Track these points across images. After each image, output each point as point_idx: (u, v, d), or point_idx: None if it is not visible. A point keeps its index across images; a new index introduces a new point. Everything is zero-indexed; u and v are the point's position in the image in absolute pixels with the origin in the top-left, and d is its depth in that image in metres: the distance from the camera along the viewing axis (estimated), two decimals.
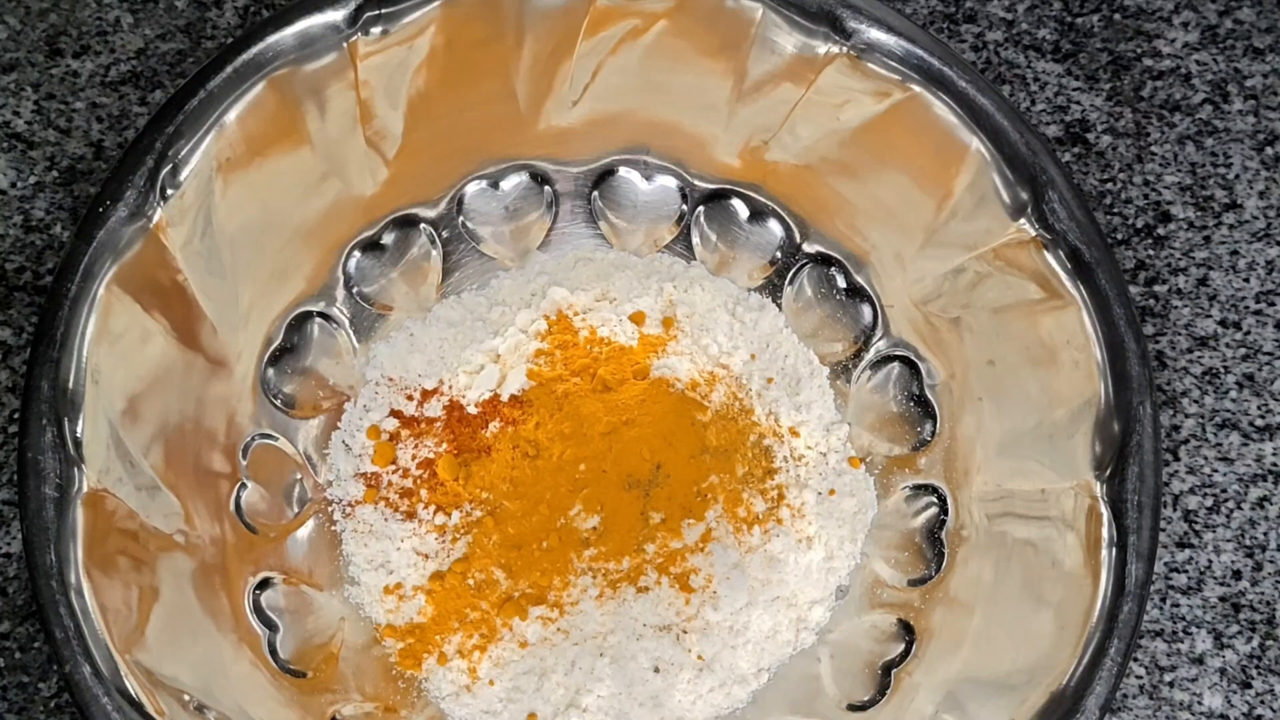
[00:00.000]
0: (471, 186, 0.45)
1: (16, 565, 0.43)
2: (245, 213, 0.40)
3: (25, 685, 0.42)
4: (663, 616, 0.42)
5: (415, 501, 0.43)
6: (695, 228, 0.46)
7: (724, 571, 0.42)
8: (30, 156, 0.47)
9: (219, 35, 0.48)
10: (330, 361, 0.44)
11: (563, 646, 0.42)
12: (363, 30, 0.39)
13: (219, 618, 0.39)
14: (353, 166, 0.42)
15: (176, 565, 0.38)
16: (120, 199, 0.37)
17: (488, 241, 0.46)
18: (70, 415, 0.36)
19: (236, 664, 0.39)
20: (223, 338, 0.41)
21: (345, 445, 0.44)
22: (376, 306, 0.45)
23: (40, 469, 0.35)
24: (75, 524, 0.35)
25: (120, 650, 0.35)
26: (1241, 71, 0.49)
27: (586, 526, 0.42)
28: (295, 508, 0.43)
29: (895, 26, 0.39)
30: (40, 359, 0.36)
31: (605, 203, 0.46)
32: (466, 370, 0.44)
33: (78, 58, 0.48)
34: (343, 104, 0.40)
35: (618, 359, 0.44)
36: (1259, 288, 0.47)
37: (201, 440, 0.40)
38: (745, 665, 0.42)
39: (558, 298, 0.45)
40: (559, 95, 0.43)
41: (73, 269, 0.36)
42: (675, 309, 0.45)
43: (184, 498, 0.39)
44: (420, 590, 0.42)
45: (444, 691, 0.42)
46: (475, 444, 0.43)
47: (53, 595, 0.35)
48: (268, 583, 0.41)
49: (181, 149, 0.38)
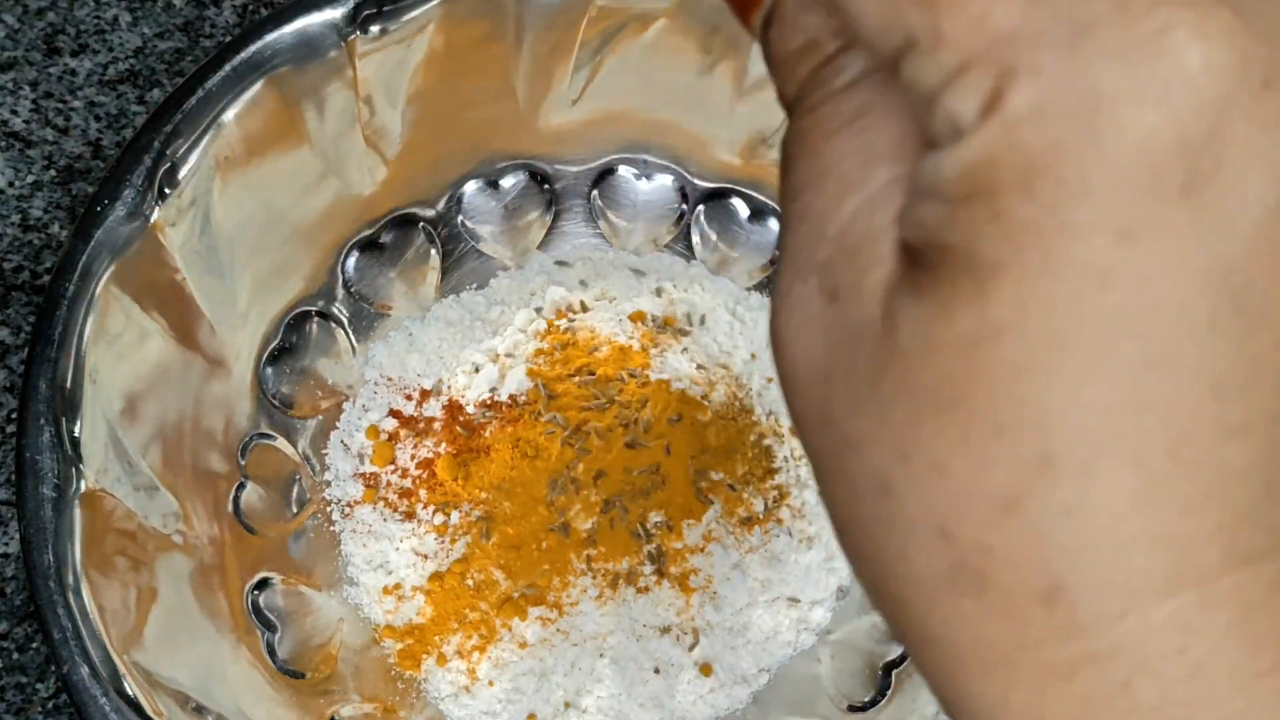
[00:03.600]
0: (470, 185, 0.45)
1: (14, 565, 0.43)
2: (244, 212, 0.40)
3: (23, 686, 0.42)
4: (663, 617, 0.42)
5: (414, 502, 0.43)
6: (695, 227, 0.46)
7: (724, 572, 0.42)
8: (28, 155, 0.47)
9: (217, 34, 0.48)
10: (329, 361, 0.44)
11: (562, 647, 0.42)
12: (361, 29, 0.39)
13: (217, 618, 0.39)
14: (351, 165, 0.42)
15: (175, 565, 0.38)
16: (118, 198, 0.37)
17: (487, 241, 0.46)
18: (68, 415, 0.36)
19: (235, 664, 0.39)
20: (221, 337, 0.40)
21: (344, 445, 0.44)
22: (375, 306, 0.45)
23: (38, 469, 0.35)
24: (73, 524, 0.35)
25: (118, 651, 0.35)
26: None
27: (586, 527, 0.42)
28: (294, 508, 0.43)
29: None
30: (38, 358, 0.36)
31: (605, 202, 0.46)
32: (465, 370, 0.44)
33: (75, 56, 0.48)
34: (341, 103, 0.40)
35: (617, 359, 0.44)
36: None
37: (200, 440, 0.40)
38: (746, 666, 0.42)
39: (557, 297, 0.45)
40: (558, 94, 0.43)
41: (71, 268, 0.36)
42: (675, 309, 0.45)
43: (182, 498, 0.39)
44: (419, 591, 0.42)
45: (443, 692, 0.42)
46: (474, 444, 0.43)
47: (50, 595, 0.35)
48: (266, 583, 0.41)
49: (180, 148, 0.38)
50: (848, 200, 0.17)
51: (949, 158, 0.15)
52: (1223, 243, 0.14)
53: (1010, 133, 0.15)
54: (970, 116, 0.15)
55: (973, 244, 0.15)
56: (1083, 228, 0.14)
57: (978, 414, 0.15)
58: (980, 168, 0.15)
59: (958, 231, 0.15)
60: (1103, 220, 0.14)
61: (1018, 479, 0.15)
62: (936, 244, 0.15)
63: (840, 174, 0.17)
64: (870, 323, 0.16)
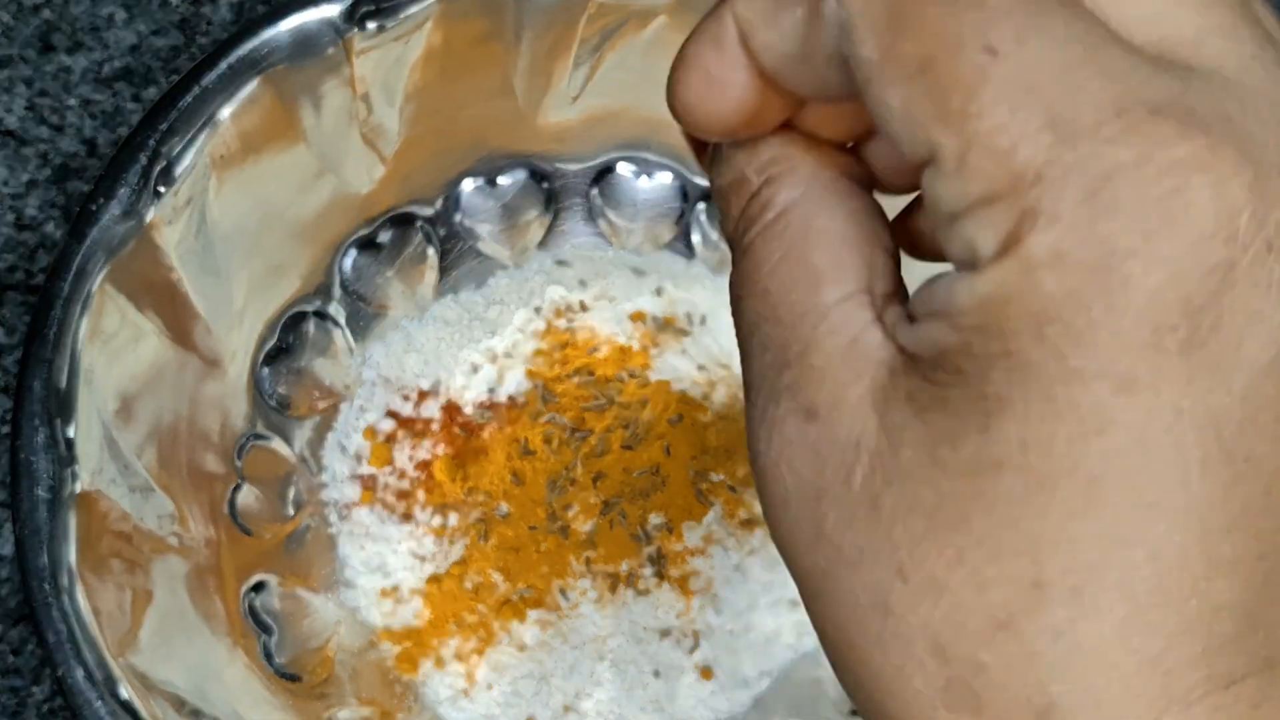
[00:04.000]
0: (469, 184, 0.45)
1: (9, 567, 0.43)
2: (240, 210, 0.40)
3: (18, 689, 0.42)
4: (663, 620, 0.42)
5: (412, 503, 0.43)
6: (695, 225, 0.46)
7: (725, 574, 0.42)
8: (22, 154, 0.47)
9: (213, 31, 0.48)
10: (326, 361, 0.44)
11: (561, 650, 0.42)
12: (359, 26, 0.39)
13: (213, 621, 0.39)
14: (349, 163, 0.42)
15: (170, 567, 0.38)
16: (113, 197, 0.37)
17: (485, 240, 0.45)
18: (63, 416, 0.36)
19: (231, 668, 0.38)
20: (217, 337, 0.40)
21: (341, 446, 0.43)
22: (372, 306, 0.44)
23: (33, 470, 0.35)
24: (68, 526, 0.35)
25: (114, 654, 0.35)
26: None
27: (585, 529, 0.42)
28: (290, 510, 0.43)
29: None
30: (33, 359, 0.36)
31: (604, 200, 0.46)
32: (463, 370, 0.44)
33: (70, 54, 0.47)
34: (338, 100, 0.40)
35: (617, 359, 0.44)
36: None
37: (195, 441, 0.40)
38: (747, 669, 0.42)
39: (556, 297, 0.45)
40: (558, 91, 0.42)
41: (66, 268, 0.36)
42: (675, 308, 0.45)
43: (178, 499, 0.39)
44: (417, 593, 0.42)
45: (441, 696, 0.41)
46: (473, 445, 0.43)
47: (46, 598, 0.34)
48: (262, 585, 0.41)
49: (175, 146, 0.37)
50: (804, 325, 0.18)
51: (965, 286, 0.16)
52: (1217, 396, 0.15)
53: (1028, 276, 0.15)
54: (988, 250, 0.16)
55: (983, 377, 0.16)
56: (1087, 376, 0.15)
57: (975, 536, 0.16)
58: (995, 302, 0.16)
59: (970, 362, 0.16)
60: (1106, 370, 0.15)
61: (1011, 600, 0.16)
62: (947, 366, 0.16)
63: (790, 305, 0.18)
64: (863, 437, 0.17)
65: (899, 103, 0.16)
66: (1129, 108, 0.15)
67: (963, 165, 0.16)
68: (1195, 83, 0.16)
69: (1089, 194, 0.15)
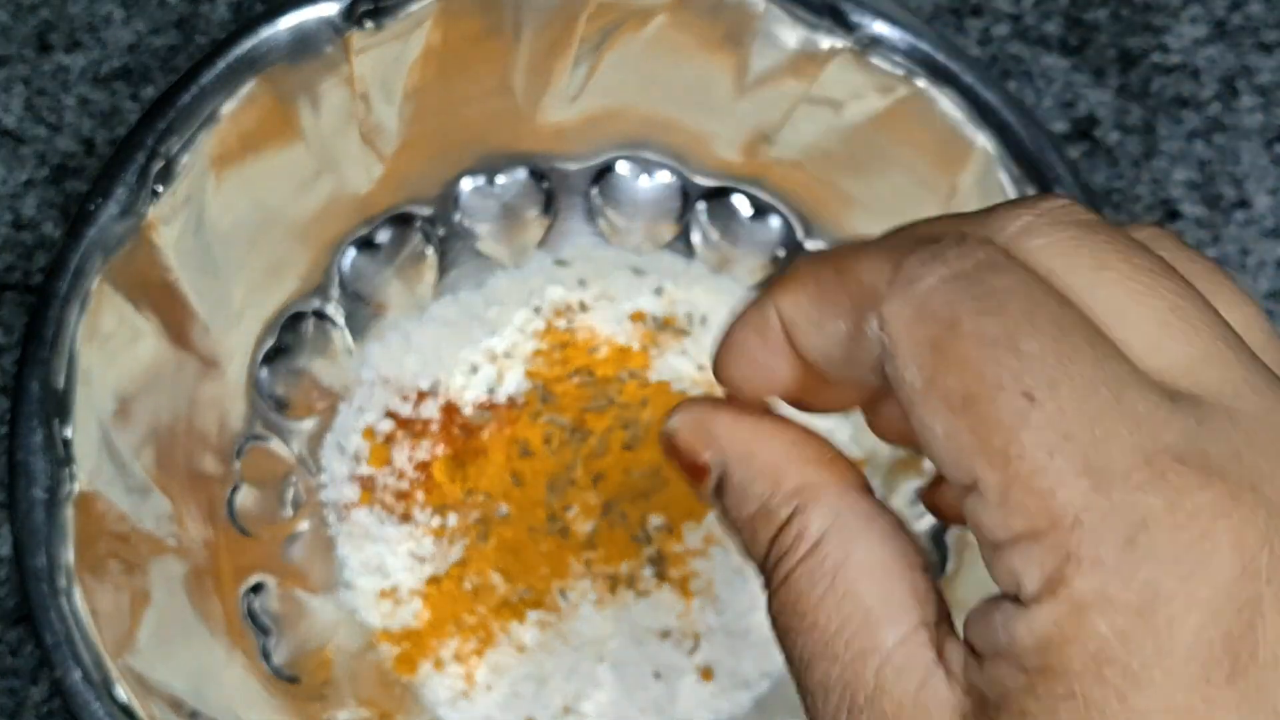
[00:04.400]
0: (468, 183, 0.45)
1: (6, 568, 0.43)
2: (238, 210, 0.40)
3: (16, 690, 0.42)
4: (663, 621, 0.42)
5: (411, 504, 0.43)
6: (696, 225, 0.46)
7: (725, 575, 0.42)
8: (20, 153, 0.47)
9: (212, 30, 0.48)
10: (324, 362, 0.44)
11: (561, 651, 0.42)
12: (358, 24, 0.38)
13: (211, 622, 0.39)
14: (347, 163, 0.41)
15: (168, 569, 0.38)
16: (111, 196, 0.37)
17: (484, 239, 0.45)
18: (60, 416, 0.35)
19: (229, 669, 0.38)
20: (215, 337, 0.40)
21: (340, 447, 0.43)
22: (372, 306, 0.44)
23: (30, 471, 0.35)
24: (66, 527, 0.35)
25: (112, 655, 0.35)
26: (1250, 67, 0.49)
27: (585, 529, 0.42)
28: (289, 510, 0.43)
29: (900, 20, 0.39)
30: (31, 359, 0.36)
31: (604, 200, 0.46)
32: (463, 370, 0.44)
33: (68, 53, 0.47)
34: (337, 99, 0.40)
35: (617, 359, 0.44)
36: (1269, 286, 0.47)
37: (193, 441, 0.40)
38: (748, 670, 0.42)
39: (556, 297, 0.45)
40: (557, 90, 0.42)
41: (63, 267, 0.36)
42: (675, 308, 0.45)
43: (176, 500, 0.39)
44: (416, 594, 0.42)
45: (440, 698, 0.41)
46: (472, 445, 0.43)
47: (43, 599, 0.34)
48: (261, 587, 0.41)
49: (173, 145, 0.37)
50: (866, 668, 0.19)
51: (1021, 625, 0.18)
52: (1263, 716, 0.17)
53: (1079, 616, 0.17)
54: (1035, 586, 0.17)
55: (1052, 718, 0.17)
56: (1148, 713, 0.17)
57: None
58: (1053, 644, 0.17)
59: (1039, 703, 0.17)
60: (1164, 705, 0.17)
61: None
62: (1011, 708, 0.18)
63: (846, 642, 0.19)
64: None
65: (943, 431, 0.18)
66: (1155, 454, 0.17)
67: (1005, 500, 0.17)
68: (1206, 421, 0.18)
69: (1128, 541, 0.17)
